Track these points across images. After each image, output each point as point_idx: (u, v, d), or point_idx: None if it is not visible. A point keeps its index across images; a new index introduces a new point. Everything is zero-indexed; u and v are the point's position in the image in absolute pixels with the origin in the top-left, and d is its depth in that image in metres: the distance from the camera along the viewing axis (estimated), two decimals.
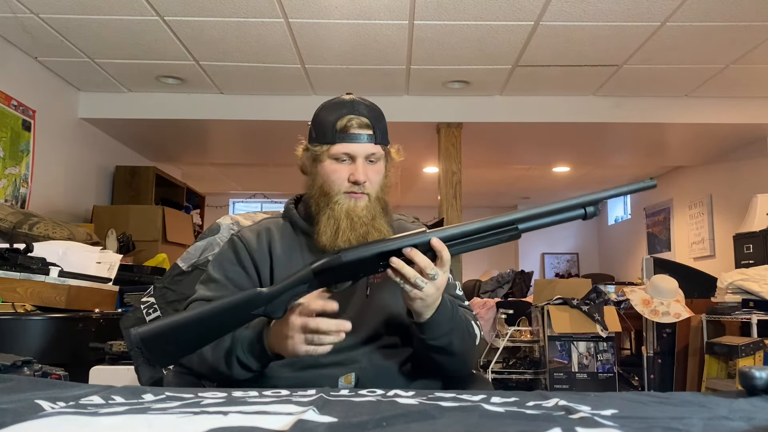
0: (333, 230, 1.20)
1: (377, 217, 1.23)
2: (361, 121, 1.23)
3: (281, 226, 1.33)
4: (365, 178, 1.22)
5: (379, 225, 1.23)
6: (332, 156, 1.23)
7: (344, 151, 1.22)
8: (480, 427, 0.60)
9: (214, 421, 0.60)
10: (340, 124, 1.22)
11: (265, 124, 4.47)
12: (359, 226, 1.21)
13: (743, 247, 4.36)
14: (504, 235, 1.07)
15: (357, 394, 0.83)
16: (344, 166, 1.23)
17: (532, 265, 8.91)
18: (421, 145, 5.15)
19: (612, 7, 3.09)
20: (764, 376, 0.78)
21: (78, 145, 4.39)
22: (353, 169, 1.22)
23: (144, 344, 1.00)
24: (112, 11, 3.13)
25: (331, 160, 1.23)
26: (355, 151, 1.22)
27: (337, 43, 3.52)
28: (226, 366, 1.13)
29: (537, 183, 7.58)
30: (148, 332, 1.01)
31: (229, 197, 8.82)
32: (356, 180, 1.21)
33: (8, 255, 2.48)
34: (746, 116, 4.49)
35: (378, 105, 1.30)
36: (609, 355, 3.63)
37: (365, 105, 1.26)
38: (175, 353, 1.06)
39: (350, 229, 1.20)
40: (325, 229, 1.21)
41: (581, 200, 1.08)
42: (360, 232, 1.20)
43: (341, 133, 1.22)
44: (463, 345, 1.20)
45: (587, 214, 1.08)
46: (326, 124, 1.24)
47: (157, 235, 4.41)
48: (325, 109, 1.26)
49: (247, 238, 1.30)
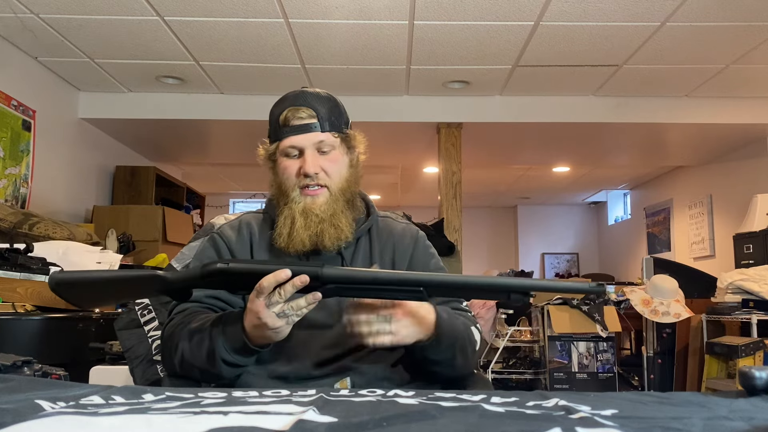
0: (287, 230, 1.17)
1: (338, 213, 1.18)
2: (303, 112, 1.18)
3: (261, 221, 1.30)
4: (316, 169, 1.17)
5: (338, 221, 1.18)
6: (282, 152, 1.20)
7: (290, 144, 1.19)
8: (480, 427, 0.60)
9: (214, 421, 0.60)
10: (282, 117, 1.20)
11: (266, 124, 4.43)
12: (314, 224, 1.16)
13: (743, 247, 4.36)
14: (409, 294, 0.98)
15: (357, 394, 0.83)
16: (295, 160, 1.19)
17: (532, 265, 8.91)
18: (421, 145, 5.15)
19: (612, 7, 3.09)
20: (764, 376, 0.78)
21: (78, 145, 4.39)
22: (302, 162, 1.18)
23: (59, 287, 1.07)
24: (112, 11, 3.13)
25: (282, 157, 1.21)
26: (300, 143, 1.18)
27: (337, 43, 3.52)
28: (212, 367, 1.09)
29: (537, 183, 7.58)
30: (62, 279, 1.07)
31: (229, 197, 8.83)
32: (305, 172, 1.17)
33: (8, 255, 2.47)
34: (746, 116, 4.49)
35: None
36: (609, 355, 3.63)
37: (311, 94, 1.21)
38: (89, 300, 1.15)
39: (304, 227, 1.16)
40: (281, 230, 1.17)
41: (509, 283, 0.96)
42: (315, 230, 1.16)
43: (284, 126, 1.19)
44: (464, 355, 1.17)
45: (511, 299, 0.94)
46: (272, 120, 1.22)
47: (158, 235, 4.41)
48: (273, 106, 1.24)
49: (228, 234, 1.27)
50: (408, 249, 1.30)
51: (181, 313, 1.20)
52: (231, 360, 1.08)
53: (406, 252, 1.30)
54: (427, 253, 1.33)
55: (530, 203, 9.13)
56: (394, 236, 1.31)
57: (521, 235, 9.27)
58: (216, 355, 1.08)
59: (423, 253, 1.32)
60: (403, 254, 1.29)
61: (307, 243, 1.16)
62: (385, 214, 1.36)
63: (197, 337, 1.11)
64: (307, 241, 1.16)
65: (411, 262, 1.29)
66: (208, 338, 1.09)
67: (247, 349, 1.07)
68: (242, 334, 1.06)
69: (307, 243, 1.16)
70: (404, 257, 1.29)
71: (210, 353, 1.08)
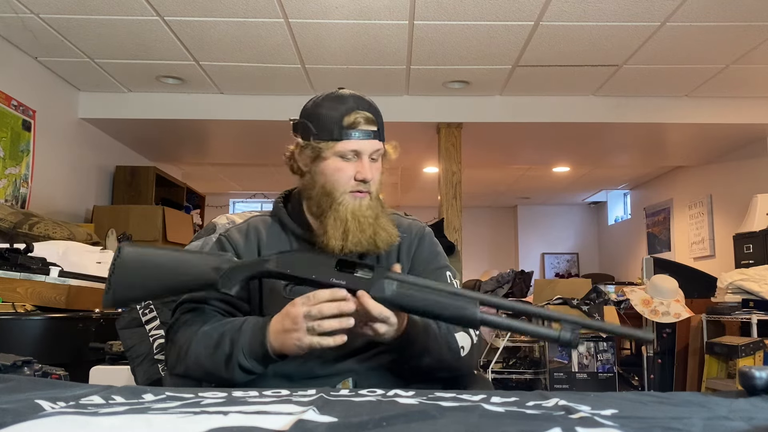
0: (341, 232, 1.16)
1: (380, 216, 1.20)
2: (368, 117, 1.18)
3: (269, 225, 1.28)
4: (372, 176, 1.18)
5: (384, 224, 1.19)
6: (338, 153, 1.17)
7: (352, 148, 1.17)
8: (480, 427, 0.60)
9: (214, 421, 0.60)
10: (348, 119, 1.17)
11: (265, 124, 4.46)
12: (367, 227, 1.16)
13: (743, 247, 4.36)
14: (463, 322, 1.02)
15: (357, 394, 0.83)
16: (350, 163, 1.18)
17: (532, 265, 8.90)
18: (421, 145, 5.15)
19: (612, 7, 3.09)
20: (764, 376, 0.78)
21: (78, 145, 4.39)
22: (359, 167, 1.17)
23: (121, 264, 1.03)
24: (112, 11, 3.13)
25: (335, 158, 1.17)
26: (363, 148, 1.17)
27: (337, 43, 3.52)
28: (226, 371, 1.09)
29: (537, 183, 7.58)
30: (133, 253, 1.04)
31: (229, 197, 8.82)
32: (364, 178, 1.17)
33: (8, 255, 2.47)
34: (746, 116, 4.49)
35: (378, 105, 1.27)
36: (609, 355, 3.63)
37: (366, 100, 1.22)
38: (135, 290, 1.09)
39: (359, 230, 1.16)
40: (333, 233, 1.16)
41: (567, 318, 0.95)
42: (368, 233, 1.16)
43: (349, 129, 1.16)
44: (441, 362, 1.16)
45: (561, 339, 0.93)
46: (330, 119, 1.18)
47: (158, 235, 4.41)
48: (326, 104, 1.20)
49: (235, 239, 1.26)
50: (412, 244, 1.30)
51: (191, 313, 1.19)
52: (248, 366, 1.08)
53: (410, 247, 1.30)
54: (433, 250, 1.33)
55: (530, 203, 9.13)
56: (400, 230, 1.30)
57: (521, 235, 9.27)
58: (233, 359, 1.08)
59: (428, 250, 1.32)
60: (408, 249, 1.29)
61: (365, 244, 1.17)
62: (392, 212, 1.35)
63: (213, 340, 1.10)
64: (365, 242, 1.16)
65: (414, 257, 1.29)
66: (228, 342, 1.09)
67: (266, 357, 1.08)
68: (265, 341, 1.07)
69: (364, 244, 1.16)
70: (408, 252, 1.29)
71: (227, 357, 1.08)
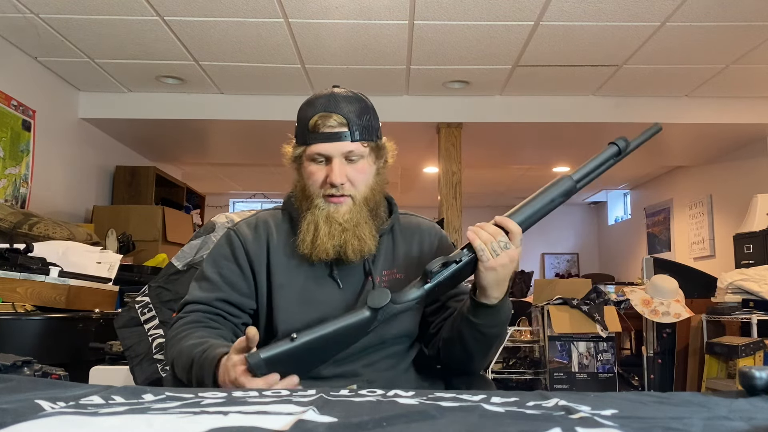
0: (311, 237, 1.15)
1: (361, 223, 1.16)
2: (334, 119, 1.14)
3: (279, 219, 1.27)
4: (342, 180, 1.14)
5: (361, 232, 1.15)
6: (308, 157, 1.16)
7: (317, 151, 1.15)
8: (480, 427, 0.60)
9: (214, 421, 0.60)
10: (311, 123, 1.15)
11: (266, 124, 4.46)
12: (338, 233, 1.14)
13: (743, 247, 4.36)
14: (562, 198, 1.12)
15: (357, 394, 0.83)
16: (321, 167, 1.16)
17: (532, 265, 8.90)
18: (421, 145, 5.15)
19: (612, 7, 3.09)
20: (764, 376, 0.78)
21: (78, 145, 4.39)
22: (329, 170, 1.15)
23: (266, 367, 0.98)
24: (112, 11, 3.13)
25: (308, 162, 1.17)
26: (329, 151, 1.14)
27: (337, 43, 3.52)
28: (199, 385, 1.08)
29: (537, 183, 7.51)
30: (269, 358, 0.98)
31: (229, 197, 8.82)
32: (332, 182, 1.14)
33: (8, 255, 2.47)
34: (746, 116, 4.49)
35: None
36: (609, 355, 3.63)
37: (343, 98, 1.17)
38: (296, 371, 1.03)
39: (328, 236, 1.14)
40: (304, 236, 1.15)
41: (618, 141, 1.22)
42: (338, 240, 1.14)
43: (313, 132, 1.15)
44: (499, 340, 1.17)
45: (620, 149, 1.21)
46: (302, 122, 1.18)
47: (157, 235, 4.41)
48: (302, 107, 1.20)
49: (244, 232, 1.24)
50: (434, 244, 1.30)
51: (191, 314, 1.19)
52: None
53: (432, 246, 1.29)
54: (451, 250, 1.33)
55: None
56: (421, 230, 1.30)
57: None
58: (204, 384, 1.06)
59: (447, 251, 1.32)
60: (430, 248, 1.28)
61: (331, 252, 1.15)
62: (407, 212, 1.34)
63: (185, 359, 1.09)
64: (331, 250, 1.14)
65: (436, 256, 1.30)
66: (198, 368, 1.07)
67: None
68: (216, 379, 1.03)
69: (330, 252, 1.15)
70: (430, 251, 1.28)
71: (199, 382, 1.06)
